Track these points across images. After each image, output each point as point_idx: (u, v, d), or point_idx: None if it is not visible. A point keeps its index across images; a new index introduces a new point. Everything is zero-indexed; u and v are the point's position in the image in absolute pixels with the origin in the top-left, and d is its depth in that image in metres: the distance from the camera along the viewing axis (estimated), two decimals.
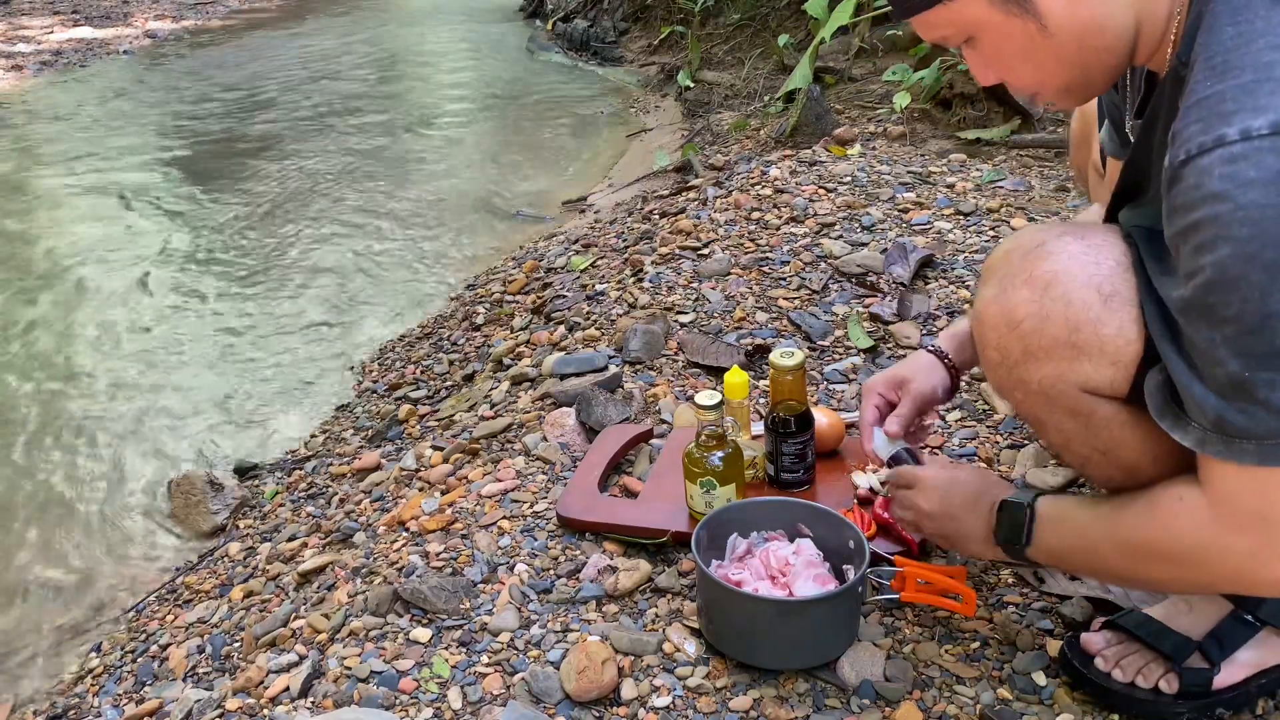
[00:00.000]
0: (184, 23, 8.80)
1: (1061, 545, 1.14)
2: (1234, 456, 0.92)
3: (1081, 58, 0.98)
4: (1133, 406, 1.06)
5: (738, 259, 2.44)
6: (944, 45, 1.05)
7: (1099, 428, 1.08)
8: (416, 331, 3.06)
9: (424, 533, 1.64)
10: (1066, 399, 1.07)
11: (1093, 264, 1.04)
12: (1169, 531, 1.01)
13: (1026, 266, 1.06)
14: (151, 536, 2.30)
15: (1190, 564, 1.01)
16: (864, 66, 4.12)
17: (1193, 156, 0.87)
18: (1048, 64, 0.99)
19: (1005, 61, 1.02)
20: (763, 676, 1.28)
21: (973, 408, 1.80)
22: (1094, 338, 1.03)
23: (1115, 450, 1.09)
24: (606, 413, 1.86)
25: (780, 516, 1.40)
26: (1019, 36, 0.97)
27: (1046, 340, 1.05)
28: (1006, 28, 0.97)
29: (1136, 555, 1.06)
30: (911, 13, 1.01)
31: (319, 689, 1.36)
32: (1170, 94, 0.98)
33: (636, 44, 6.50)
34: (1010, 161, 3.00)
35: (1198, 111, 0.88)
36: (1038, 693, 1.24)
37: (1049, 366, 1.06)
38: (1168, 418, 0.98)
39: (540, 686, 1.28)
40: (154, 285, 3.60)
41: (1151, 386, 1.00)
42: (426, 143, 5.15)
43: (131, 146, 5.27)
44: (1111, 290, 1.03)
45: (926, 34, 1.04)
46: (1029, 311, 1.05)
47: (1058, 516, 1.14)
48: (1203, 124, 0.87)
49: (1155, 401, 1.00)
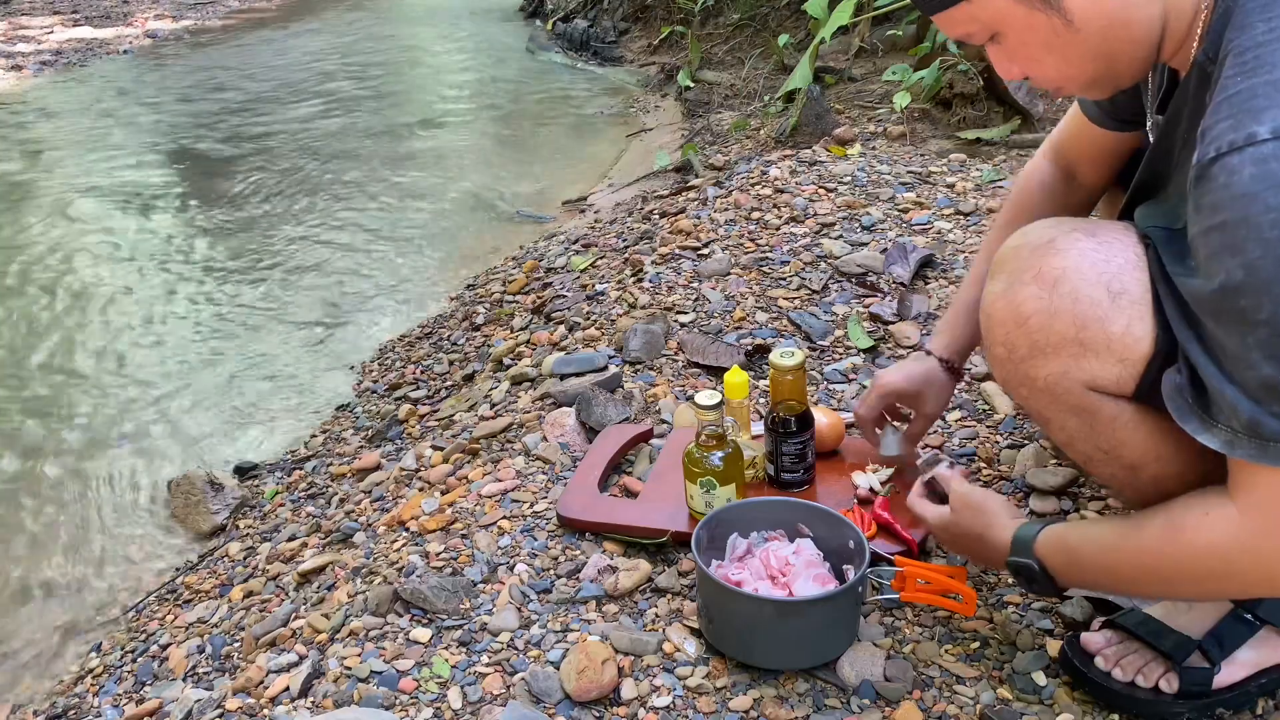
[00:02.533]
0: (184, 23, 8.79)
1: (1082, 580, 1.15)
2: (1269, 459, 0.91)
3: (1107, 50, 0.97)
4: (1138, 405, 1.06)
5: (738, 259, 2.44)
6: (968, 42, 1.04)
7: (1103, 426, 1.08)
8: (416, 331, 3.06)
9: (424, 533, 1.64)
10: (1072, 396, 1.07)
11: (1102, 261, 1.03)
12: (1197, 549, 0.99)
13: (1035, 262, 1.06)
14: (151, 536, 2.30)
15: (1224, 576, 1.00)
16: (864, 66, 4.12)
17: (1222, 154, 0.86)
18: (1073, 58, 0.99)
19: (1030, 56, 1.01)
20: (763, 676, 1.28)
21: (973, 408, 1.80)
22: (1101, 335, 1.02)
23: (1118, 449, 1.09)
24: (606, 413, 1.86)
25: (780, 516, 1.40)
26: (1043, 31, 0.96)
27: (1054, 337, 1.04)
28: (1031, 23, 0.96)
29: (1168, 579, 1.05)
30: (936, 9, 1.00)
31: (319, 689, 1.36)
32: (1195, 90, 0.97)
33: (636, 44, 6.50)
34: (1010, 161, 3.00)
35: (1228, 108, 0.87)
36: (1038, 693, 1.24)
37: (1055, 363, 1.05)
38: (1191, 420, 0.97)
39: (540, 686, 1.28)
40: (153, 285, 3.60)
41: (1170, 389, 0.99)
42: (426, 142, 5.14)
43: (131, 146, 5.26)
44: (1120, 288, 1.02)
45: (950, 31, 1.03)
46: (1037, 308, 1.05)
47: (1066, 557, 1.12)
48: (1233, 121, 0.86)
49: (1176, 405, 0.98)
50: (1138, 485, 1.12)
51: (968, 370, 1.89)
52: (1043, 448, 1.64)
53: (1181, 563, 1.02)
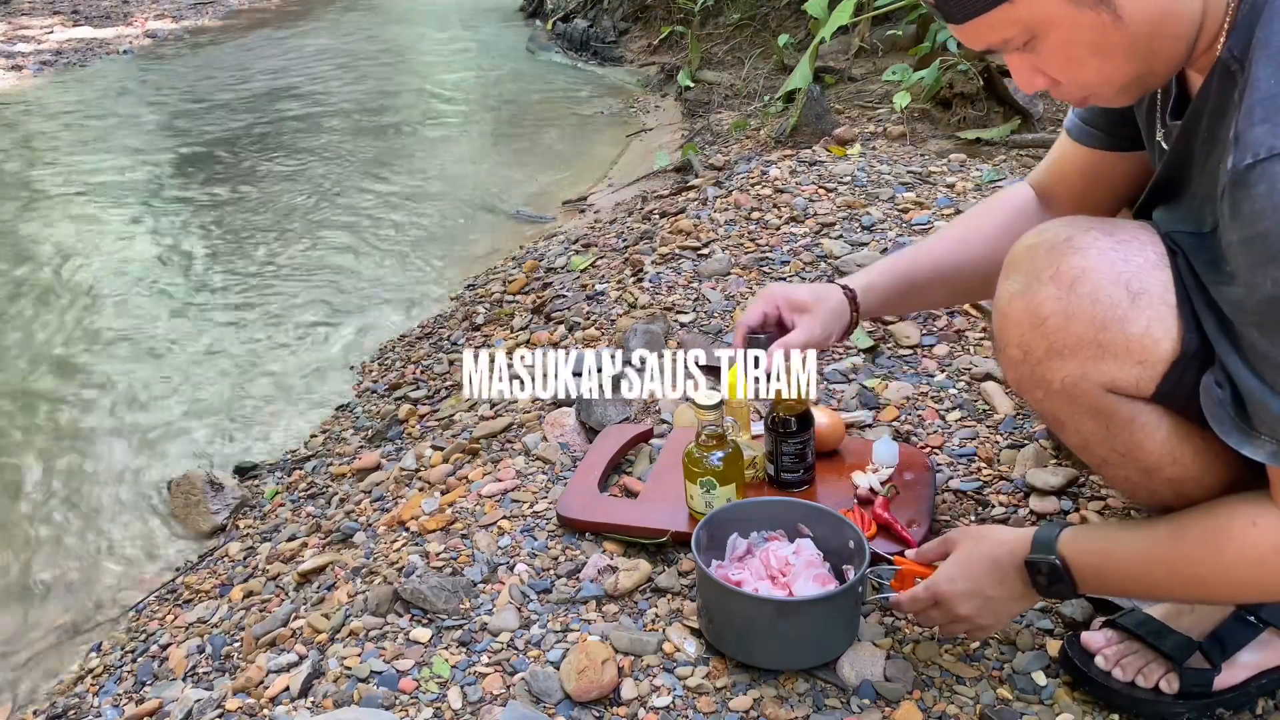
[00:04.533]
0: (184, 23, 8.80)
1: (1107, 585, 1.12)
2: None
3: (1151, 48, 0.93)
4: (1156, 406, 1.04)
5: (738, 259, 2.44)
6: (999, 50, 0.98)
7: (1120, 429, 1.06)
8: (416, 331, 3.06)
9: (424, 533, 1.64)
10: (1089, 398, 1.04)
11: (1121, 260, 1.01)
12: (1246, 558, 0.98)
13: (1052, 262, 1.03)
14: (151, 536, 2.30)
15: (1270, 584, 0.99)
16: (864, 66, 4.12)
17: (1260, 160, 0.83)
18: (1116, 58, 0.94)
19: (1072, 58, 0.95)
20: (763, 676, 1.28)
21: (973, 408, 1.80)
22: (1120, 336, 1.00)
23: (1135, 452, 1.07)
24: (606, 413, 1.86)
25: (780, 516, 1.40)
26: (1090, 30, 0.91)
27: (1071, 339, 1.02)
28: (1077, 21, 0.91)
29: (1210, 586, 1.03)
30: (975, 14, 0.93)
31: (319, 689, 1.36)
32: (1219, 90, 0.94)
33: (636, 44, 6.50)
34: (1010, 161, 3.00)
35: (1262, 111, 0.85)
36: (1038, 692, 1.24)
37: (1073, 365, 1.03)
38: (1235, 434, 0.95)
39: (540, 686, 1.28)
40: (153, 285, 3.61)
41: (1212, 404, 0.97)
42: (426, 142, 5.15)
43: (131, 146, 5.27)
44: (1140, 288, 0.99)
45: (985, 38, 0.96)
46: (1054, 309, 1.02)
47: (1095, 560, 1.10)
48: (1270, 126, 0.84)
49: (1220, 419, 0.97)
50: (1153, 488, 1.10)
51: (968, 370, 1.90)
52: (1042, 448, 1.64)
53: (1226, 571, 1.00)
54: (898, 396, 1.84)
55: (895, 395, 1.85)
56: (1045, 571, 1.11)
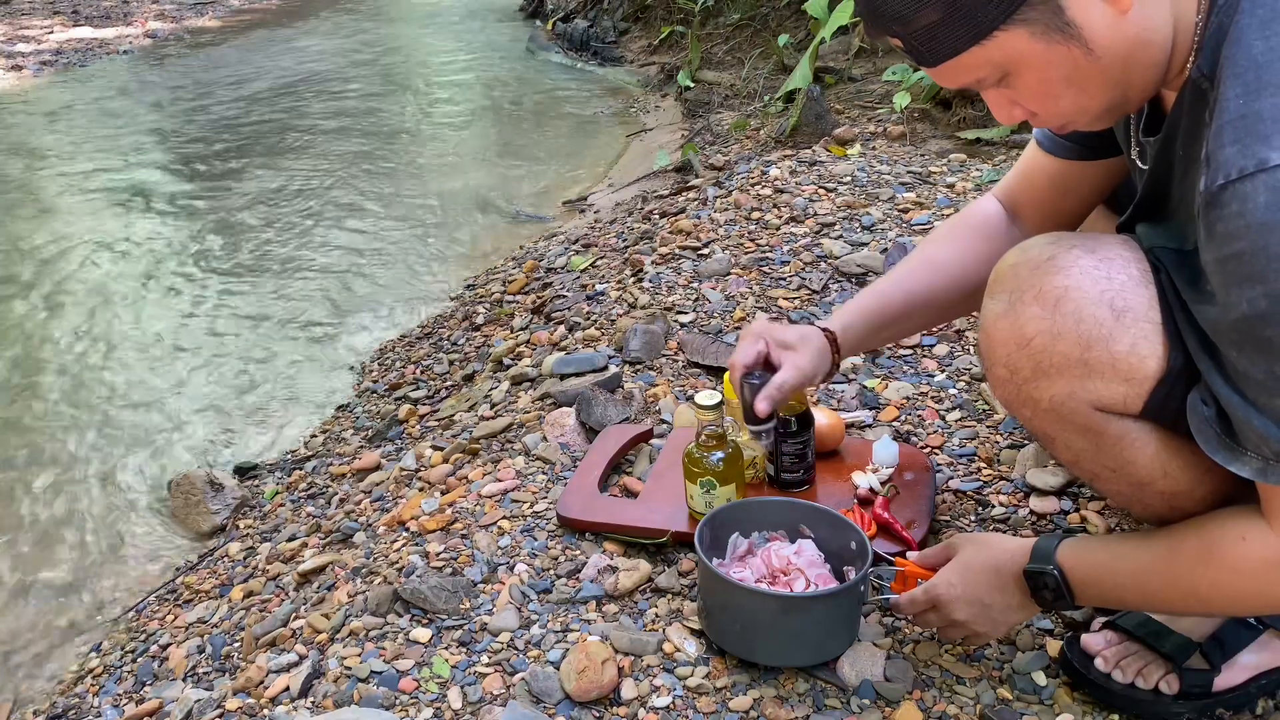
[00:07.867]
0: (184, 23, 8.80)
1: (1106, 597, 1.12)
2: None
3: (1125, 76, 0.94)
4: (1145, 422, 1.04)
5: (738, 259, 2.44)
6: (974, 88, 0.98)
7: (1110, 445, 1.06)
8: (416, 331, 3.06)
9: (424, 533, 1.64)
10: (1078, 417, 1.05)
11: (1104, 279, 1.01)
12: (1239, 573, 0.99)
13: (1036, 281, 1.03)
14: (151, 536, 2.30)
15: (1262, 597, 1.00)
16: (864, 66, 4.12)
17: (1232, 180, 0.84)
18: (1092, 89, 0.95)
19: (1047, 93, 0.96)
20: (763, 676, 1.28)
21: (973, 408, 1.80)
22: (1106, 355, 1.00)
23: (1126, 467, 1.07)
24: (606, 413, 1.86)
25: (782, 517, 1.40)
26: (1062, 65, 0.92)
27: (1058, 358, 1.02)
28: (1049, 57, 0.92)
29: (1205, 599, 1.04)
30: (947, 57, 0.94)
31: (319, 689, 1.36)
32: (1191, 107, 0.95)
33: (636, 44, 6.50)
34: (1010, 161, 2.99)
35: (1233, 132, 0.86)
36: (1038, 693, 1.24)
37: (1060, 384, 1.03)
38: (1221, 451, 0.96)
39: (540, 686, 1.28)
40: (153, 285, 3.61)
41: (1198, 421, 0.98)
42: (426, 142, 5.15)
43: (131, 146, 5.27)
44: (1124, 306, 1.00)
45: (960, 78, 0.97)
46: (1040, 329, 1.02)
47: (1092, 572, 1.10)
48: (1240, 146, 0.84)
49: (1206, 437, 0.97)
50: (1146, 501, 1.10)
51: (968, 370, 1.90)
52: (1042, 448, 1.64)
53: (1221, 586, 1.01)
54: (898, 396, 1.84)
55: (895, 395, 1.85)
56: (1047, 585, 1.12)
